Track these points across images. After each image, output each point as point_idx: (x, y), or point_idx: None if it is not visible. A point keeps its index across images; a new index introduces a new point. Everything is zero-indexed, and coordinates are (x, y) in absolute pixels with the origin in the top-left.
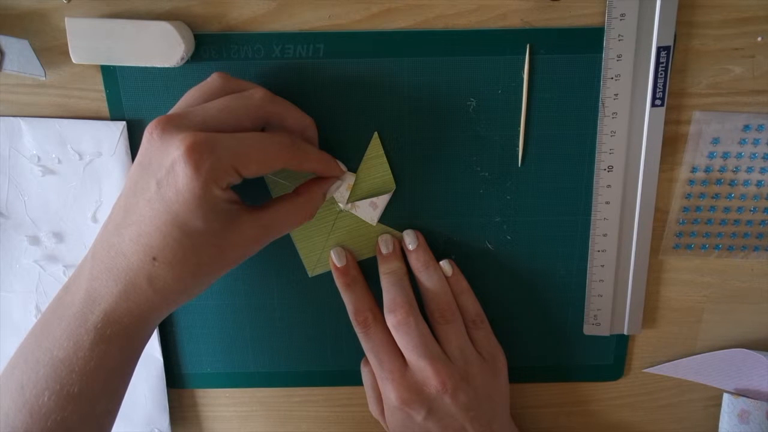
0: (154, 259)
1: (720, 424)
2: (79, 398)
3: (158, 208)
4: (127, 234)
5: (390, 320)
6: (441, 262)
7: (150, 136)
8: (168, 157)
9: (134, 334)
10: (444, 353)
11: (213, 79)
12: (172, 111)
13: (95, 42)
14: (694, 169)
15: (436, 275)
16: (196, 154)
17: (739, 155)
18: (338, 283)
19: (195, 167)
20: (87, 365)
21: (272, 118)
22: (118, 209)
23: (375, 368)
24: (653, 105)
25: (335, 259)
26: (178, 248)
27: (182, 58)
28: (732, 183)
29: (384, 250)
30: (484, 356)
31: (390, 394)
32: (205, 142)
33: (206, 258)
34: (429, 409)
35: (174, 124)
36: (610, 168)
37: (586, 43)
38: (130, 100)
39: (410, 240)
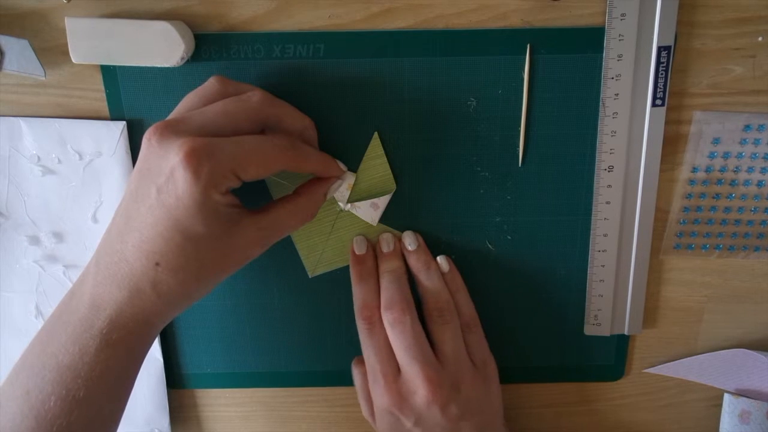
0: (157, 264)
1: (720, 425)
2: (84, 403)
3: (159, 214)
4: (130, 240)
5: (386, 317)
6: (438, 258)
7: (148, 142)
8: (167, 163)
9: (139, 339)
10: (436, 358)
11: (211, 83)
12: (170, 116)
13: (95, 42)
14: (694, 169)
15: (436, 275)
16: (195, 160)
17: (739, 155)
18: (353, 272)
19: (194, 173)
20: (92, 370)
21: (271, 120)
22: (119, 215)
23: (369, 368)
24: (654, 105)
25: (355, 247)
26: (180, 253)
27: (182, 58)
28: (732, 183)
29: (385, 249)
30: (475, 363)
31: (381, 398)
32: (204, 147)
33: (209, 262)
34: (418, 418)
35: (172, 130)
36: (610, 168)
37: (587, 43)
38: (130, 100)
39: (410, 241)
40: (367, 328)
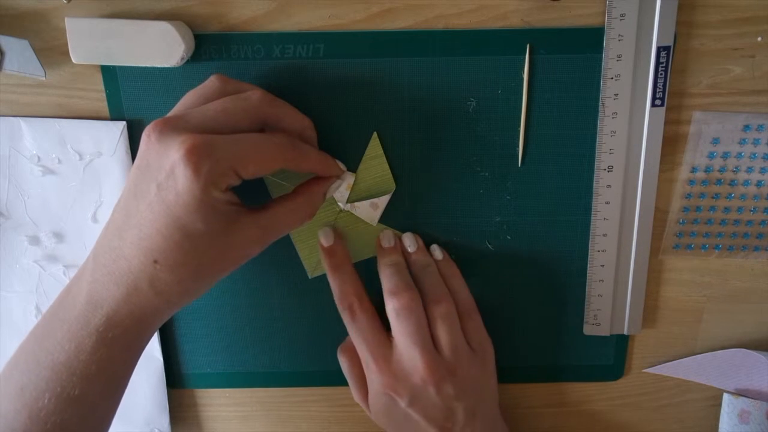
0: (156, 261)
1: (720, 424)
2: (79, 401)
3: (159, 210)
4: (128, 237)
5: (393, 303)
6: (431, 247)
7: (148, 138)
8: (167, 160)
9: (136, 337)
10: (435, 347)
11: (211, 82)
12: (169, 113)
13: (95, 42)
14: (694, 169)
15: (434, 272)
16: (196, 157)
17: (739, 155)
18: (325, 265)
19: (195, 170)
20: (88, 368)
21: (270, 120)
22: (118, 212)
23: (362, 354)
24: (653, 105)
25: (322, 239)
26: (178, 251)
27: (182, 58)
28: (732, 183)
29: (386, 244)
30: (473, 347)
31: (376, 380)
32: (205, 144)
33: (207, 260)
34: (412, 397)
35: (172, 126)
36: (610, 168)
37: (586, 43)
38: (130, 100)
39: (410, 243)
40: (350, 318)
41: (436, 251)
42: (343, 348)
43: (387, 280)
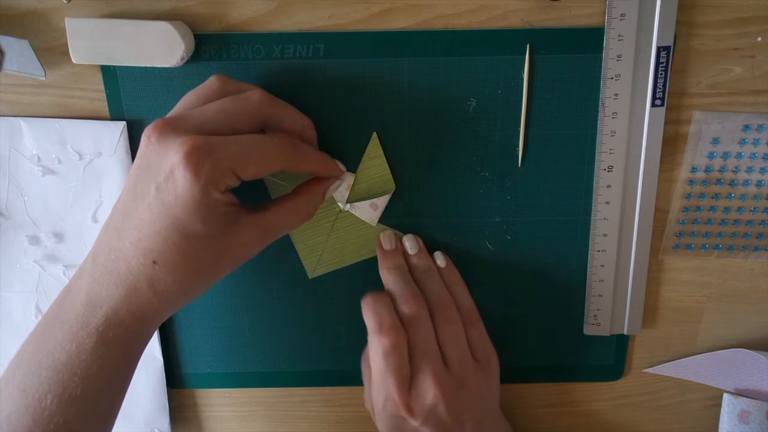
0: (155, 262)
1: (720, 424)
2: (81, 401)
3: (158, 212)
4: (127, 238)
5: (402, 312)
6: (435, 254)
7: (148, 139)
8: (167, 162)
9: (136, 337)
10: (442, 357)
11: (211, 82)
12: (169, 114)
13: (95, 42)
14: (694, 169)
15: (436, 277)
16: (195, 158)
17: (739, 155)
18: (364, 303)
19: (194, 171)
20: (89, 368)
21: (270, 120)
22: (117, 213)
23: (384, 382)
24: (653, 105)
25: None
26: (178, 252)
27: (182, 58)
28: (732, 183)
29: (387, 246)
30: (478, 358)
31: (392, 406)
32: (204, 146)
33: (206, 261)
34: (425, 418)
35: (172, 128)
36: (610, 168)
37: (586, 43)
38: (130, 100)
39: (411, 245)
40: (386, 350)
41: (440, 258)
42: (367, 356)
43: (392, 286)
